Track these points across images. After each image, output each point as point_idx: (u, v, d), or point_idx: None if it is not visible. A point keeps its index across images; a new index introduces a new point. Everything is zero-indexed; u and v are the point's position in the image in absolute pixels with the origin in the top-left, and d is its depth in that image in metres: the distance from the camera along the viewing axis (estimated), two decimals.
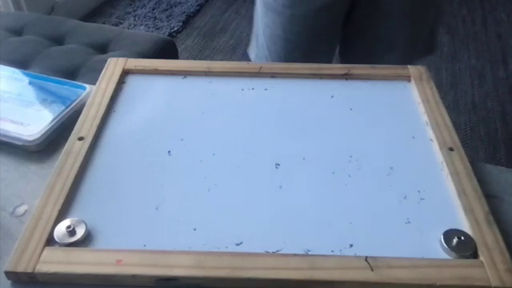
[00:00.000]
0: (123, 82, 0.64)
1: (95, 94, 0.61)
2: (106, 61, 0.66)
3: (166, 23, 2.31)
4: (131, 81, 0.65)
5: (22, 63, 1.17)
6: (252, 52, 1.15)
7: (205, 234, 0.46)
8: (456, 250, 0.44)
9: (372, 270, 0.42)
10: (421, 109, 0.60)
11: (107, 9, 2.39)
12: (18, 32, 1.33)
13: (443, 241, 0.45)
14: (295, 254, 0.44)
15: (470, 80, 2.01)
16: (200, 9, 2.46)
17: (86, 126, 0.56)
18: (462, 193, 0.49)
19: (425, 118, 0.59)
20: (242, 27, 2.34)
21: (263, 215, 0.48)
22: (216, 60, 1.95)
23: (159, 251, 0.44)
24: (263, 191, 0.50)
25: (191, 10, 2.42)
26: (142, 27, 2.28)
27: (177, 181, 0.51)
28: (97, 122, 0.57)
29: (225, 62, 0.68)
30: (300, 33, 1.00)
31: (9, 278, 0.43)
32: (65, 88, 0.64)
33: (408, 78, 0.65)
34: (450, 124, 0.57)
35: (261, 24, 1.06)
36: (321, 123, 0.59)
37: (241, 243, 0.45)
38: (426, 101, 0.61)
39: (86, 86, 0.64)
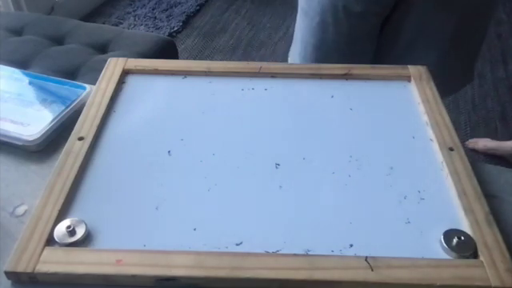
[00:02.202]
0: (123, 82, 0.64)
1: (95, 94, 0.61)
2: (105, 61, 0.66)
3: (165, 23, 2.31)
4: (131, 81, 0.65)
5: (21, 63, 1.17)
6: (290, 57, 1.10)
7: (205, 234, 0.46)
8: (456, 250, 0.44)
9: (372, 270, 0.42)
10: (421, 109, 0.60)
11: (107, 9, 2.39)
12: (18, 32, 1.33)
13: (443, 241, 0.45)
14: (295, 254, 0.44)
15: None
16: (200, 9, 2.46)
17: (85, 125, 0.56)
18: (462, 193, 0.49)
19: (425, 118, 0.59)
20: (242, 27, 2.34)
21: (263, 215, 0.48)
22: (216, 60, 1.95)
23: (159, 251, 0.44)
24: (263, 191, 0.50)
25: (191, 10, 2.42)
26: (142, 27, 2.28)
27: (177, 181, 0.51)
28: (97, 122, 0.57)
29: (225, 62, 0.68)
30: (331, 41, 0.96)
31: (9, 278, 0.43)
32: (65, 88, 0.64)
33: (408, 78, 0.65)
34: (449, 124, 0.57)
35: (298, 28, 1.03)
36: (321, 123, 0.59)
37: (241, 243, 0.45)
38: (426, 101, 0.61)
39: (86, 85, 0.64)
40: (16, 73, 0.67)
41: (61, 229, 0.45)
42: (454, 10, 0.89)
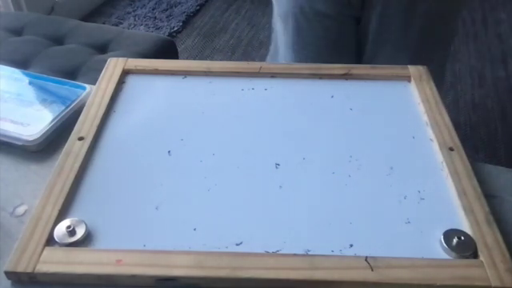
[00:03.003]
0: (123, 82, 0.64)
1: (95, 94, 0.61)
2: (105, 61, 0.66)
3: (166, 23, 2.31)
4: (131, 81, 0.65)
5: (22, 63, 1.17)
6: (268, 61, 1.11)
7: (205, 234, 0.46)
8: (456, 250, 0.44)
9: (372, 270, 0.42)
10: (421, 109, 0.60)
11: (107, 9, 2.39)
12: (18, 32, 1.33)
13: (443, 241, 0.45)
14: (295, 254, 0.44)
15: (470, 80, 2.01)
16: (200, 9, 2.45)
17: (86, 125, 0.56)
18: (461, 193, 0.49)
19: (425, 118, 0.59)
20: (242, 27, 2.34)
21: (263, 215, 0.48)
22: (216, 60, 1.95)
23: (159, 251, 0.44)
24: (263, 191, 0.50)
25: (191, 10, 2.42)
26: (142, 27, 2.28)
27: (177, 181, 0.51)
28: (97, 122, 0.57)
29: (225, 62, 0.68)
30: (307, 44, 0.97)
31: (9, 278, 0.43)
32: (65, 88, 0.64)
33: (408, 78, 0.65)
34: (449, 124, 0.57)
35: (276, 31, 1.04)
36: (321, 123, 0.59)
37: (241, 243, 0.45)
38: (425, 101, 0.61)
39: (86, 86, 0.64)
40: (16, 73, 0.67)
41: (61, 229, 0.45)
42: (416, 14, 0.90)
